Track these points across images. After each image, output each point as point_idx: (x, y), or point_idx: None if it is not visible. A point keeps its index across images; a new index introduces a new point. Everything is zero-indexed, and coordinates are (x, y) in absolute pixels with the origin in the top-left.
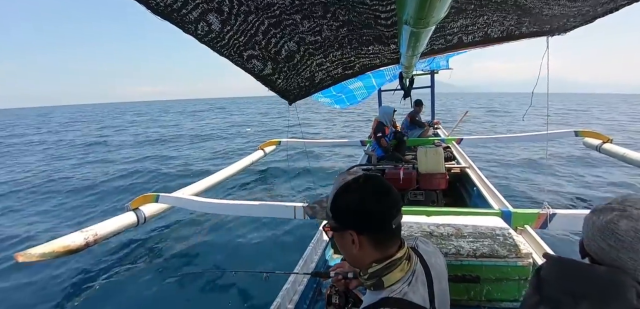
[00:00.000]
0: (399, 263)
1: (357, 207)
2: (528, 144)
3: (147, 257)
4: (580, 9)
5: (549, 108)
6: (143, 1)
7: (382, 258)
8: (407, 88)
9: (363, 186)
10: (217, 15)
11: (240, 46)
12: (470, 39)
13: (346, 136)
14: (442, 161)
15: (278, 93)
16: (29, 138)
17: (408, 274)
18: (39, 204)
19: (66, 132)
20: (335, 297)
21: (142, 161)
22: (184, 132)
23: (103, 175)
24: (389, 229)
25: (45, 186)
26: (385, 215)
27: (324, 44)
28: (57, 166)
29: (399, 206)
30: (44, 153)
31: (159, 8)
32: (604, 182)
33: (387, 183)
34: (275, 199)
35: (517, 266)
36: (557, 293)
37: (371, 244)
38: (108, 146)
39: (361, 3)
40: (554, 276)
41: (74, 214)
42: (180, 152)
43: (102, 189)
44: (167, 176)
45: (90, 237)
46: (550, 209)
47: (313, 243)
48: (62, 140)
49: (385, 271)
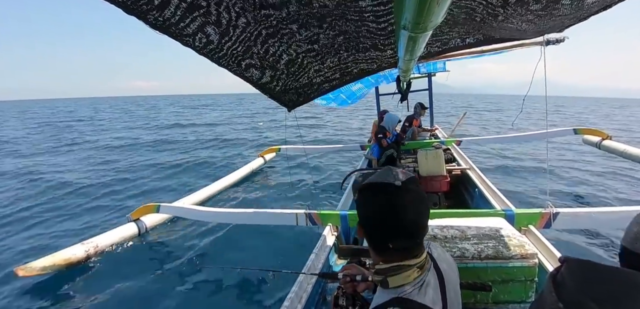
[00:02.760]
0: (407, 268)
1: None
2: (527, 144)
3: (150, 256)
4: (575, 14)
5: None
6: (141, 17)
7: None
8: (405, 91)
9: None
10: (215, 28)
11: (239, 56)
12: (467, 42)
13: (346, 141)
14: (443, 163)
15: (276, 100)
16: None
17: (419, 278)
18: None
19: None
20: (342, 299)
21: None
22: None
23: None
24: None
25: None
26: (383, 239)
27: (322, 52)
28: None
29: (402, 231)
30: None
31: (157, 23)
32: (605, 180)
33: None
34: (276, 207)
35: (523, 267)
36: (580, 297)
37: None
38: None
39: (358, 10)
40: (573, 279)
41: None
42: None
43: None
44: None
45: (91, 249)
46: (554, 208)
47: (317, 249)
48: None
49: (390, 272)
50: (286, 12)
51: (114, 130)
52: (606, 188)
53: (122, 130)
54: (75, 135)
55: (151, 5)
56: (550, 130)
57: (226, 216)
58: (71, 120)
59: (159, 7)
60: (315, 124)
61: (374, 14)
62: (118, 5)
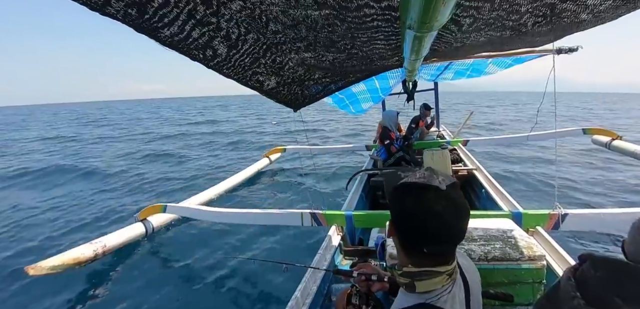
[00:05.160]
0: (437, 275)
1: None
2: (535, 144)
3: (156, 255)
4: (588, 16)
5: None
6: (152, 35)
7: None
8: (411, 91)
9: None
10: (224, 42)
11: (246, 66)
12: (474, 43)
13: (351, 141)
14: (449, 164)
15: (283, 103)
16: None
17: (447, 285)
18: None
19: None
20: (355, 297)
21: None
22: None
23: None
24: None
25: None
26: (418, 242)
27: (327, 54)
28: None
29: (440, 236)
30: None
31: (167, 40)
32: (615, 180)
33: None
34: (281, 207)
35: (531, 269)
36: (605, 295)
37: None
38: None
39: (363, 9)
40: (598, 277)
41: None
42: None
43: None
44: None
45: (100, 249)
46: (562, 210)
47: (322, 249)
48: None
49: (418, 276)
50: (296, 32)
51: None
52: (615, 189)
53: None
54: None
55: (161, 23)
56: (558, 130)
57: (232, 216)
58: (127, 119)
59: (168, 25)
60: (321, 125)
61: (380, 13)
62: (129, 24)
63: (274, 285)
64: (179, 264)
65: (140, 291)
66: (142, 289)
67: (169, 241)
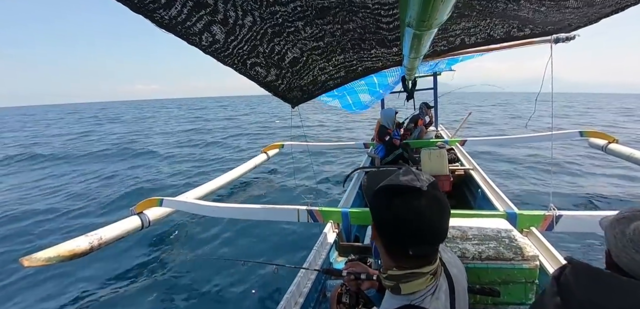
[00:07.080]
0: (421, 276)
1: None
2: (532, 145)
3: (152, 249)
4: (585, 12)
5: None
6: (148, 16)
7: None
8: (410, 90)
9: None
10: (222, 26)
11: (244, 55)
12: (473, 40)
13: (349, 138)
14: (446, 163)
15: (280, 97)
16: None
17: (431, 285)
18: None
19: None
20: (345, 296)
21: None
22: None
23: None
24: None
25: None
26: (404, 244)
27: (327, 49)
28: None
29: (425, 237)
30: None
31: (164, 21)
32: (610, 183)
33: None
34: (278, 202)
35: (523, 269)
36: (584, 303)
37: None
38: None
39: (363, 7)
40: (580, 284)
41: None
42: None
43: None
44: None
45: (95, 241)
46: (557, 211)
47: (317, 246)
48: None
49: (403, 279)
50: (292, 8)
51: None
52: (611, 192)
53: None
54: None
55: (158, 4)
56: (555, 132)
57: (228, 211)
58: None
59: (165, 6)
60: (320, 122)
61: (379, 11)
62: (125, 3)
63: (267, 282)
64: (173, 258)
65: (131, 287)
66: (133, 283)
67: (164, 235)
